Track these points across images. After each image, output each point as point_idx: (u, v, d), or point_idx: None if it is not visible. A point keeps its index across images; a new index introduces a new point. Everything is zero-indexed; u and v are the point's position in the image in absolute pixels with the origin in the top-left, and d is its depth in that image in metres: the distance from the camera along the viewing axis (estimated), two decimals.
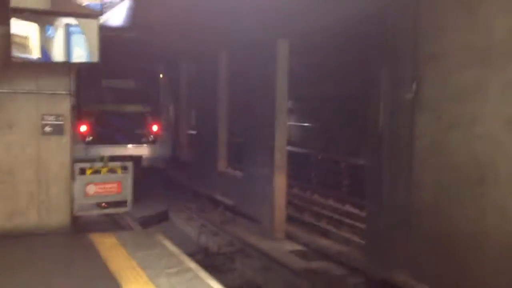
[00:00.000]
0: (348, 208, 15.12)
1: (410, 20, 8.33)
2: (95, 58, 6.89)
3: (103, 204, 8.99)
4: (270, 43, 12.74)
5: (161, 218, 15.12)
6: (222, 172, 16.15)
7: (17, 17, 6.56)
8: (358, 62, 11.34)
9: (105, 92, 16.09)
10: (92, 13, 6.70)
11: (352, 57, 13.93)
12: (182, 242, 12.62)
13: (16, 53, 6.68)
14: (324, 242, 12.69)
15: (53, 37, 6.92)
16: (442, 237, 7.65)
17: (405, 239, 8.37)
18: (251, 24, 12.83)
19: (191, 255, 11.17)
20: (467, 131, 7.24)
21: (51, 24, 6.86)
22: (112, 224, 11.03)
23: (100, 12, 6.77)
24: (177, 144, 19.91)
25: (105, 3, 7.22)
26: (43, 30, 6.88)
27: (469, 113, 7.23)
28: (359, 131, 13.62)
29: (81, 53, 6.85)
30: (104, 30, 7.52)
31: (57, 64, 6.96)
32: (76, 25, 6.75)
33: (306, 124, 21.62)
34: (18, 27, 6.74)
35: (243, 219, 14.19)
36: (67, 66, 7.22)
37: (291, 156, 21.13)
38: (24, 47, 6.77)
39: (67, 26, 6.86)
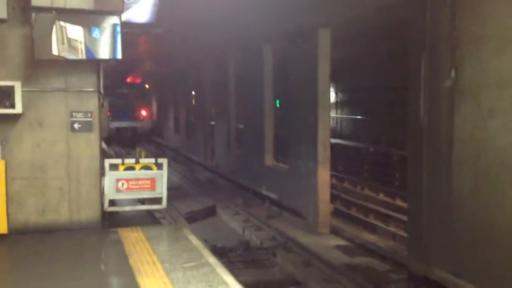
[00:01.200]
0: (398, 202, 14.68)
1: (448, 2, 7.91)
2: (119, 55, 6.95)
3: (144, 200, 9.09)
4: (311, 33, 12.49)
5: (209, 213, 15.22)
6: (268, 166, 16.05)
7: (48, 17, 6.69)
8: (402, 51, 10.91)
9: (117, 95, 31.12)
10: (113, 10, 6.75)
11: (396, 46, 13.47)
12: (227, 237, 12.76)
13: (69, 56, 6.87)
14: (370, 237, 12.38)
15: (99, 38, 7.02)
16: (483, 227, 7.25)
17: (445, 232, 8.00)
18: (292, 13, 12.68)
19: (232, 250, 11.34)
20: (507, 117, 6.81)
21: (97, 25, 6.98)
22: (152, 219, 11.21)
23: (122, 8, 6.81)
24: (157, 123, 36.47)
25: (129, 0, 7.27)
26: (88, 32, 7.01)
27: (508, 100, 6.79)
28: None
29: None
30: (129, 27, 7.58)
31: (84, 61, 7.07)
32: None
33: (357, 117, 21.19)
34: (70, 31, 6.91)
35: (289, 214, 14.06)
36: (94, 64, 7.33)
37: (342, 149, 20.92)
38: (75, 50, 6.94)
39: (114, 26, 6.95)
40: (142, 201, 9.09)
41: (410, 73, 9.10)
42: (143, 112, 33.95)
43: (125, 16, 7.07)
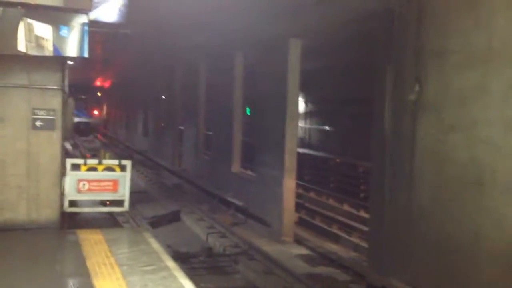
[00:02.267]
0: (361, 213, 14.85)
1: (414, 16, 8.08)
2: (86, 54, 6.87)
3: (107, 202, 8.96)
4: (282, 42, 12.59)
5: (173, 218, 15.09)
6: (236, 173, 16.05)
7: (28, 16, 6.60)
8: (367, 63, 11.09)
9: (78, 98, 40.63)
10: (82, 8, 6.68)
11: (364, 58, 13.66)
12: (190, 243, 12.66)
13: (34, 53, 6.74)
14: (332, 247, 12.47)
15: (67, 37, 6.92)
16: (439, 240, 7.40)
17: (404, 243, 8.13)
18: (263, 23, 12.77)
19: (195, 256, 11.26)
20: (467, 133, 6.98)
21: (65, 24, 6.88)
22: (114, 222, 11.05)
23: (90, 7, 6.75)
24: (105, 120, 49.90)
25: None
26: (56, 30, 6.90)
27: (469, 116, 6.97)
28: None
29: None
30: (97, 26, 7.51)
31: (49, 58, 6.96)
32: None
33: (324, 127, 21.39)
34: (37, 28, 6.79)
35: (255, 222, 14.05)
36: (59, 61, 7.22)
37: (309, 159, 21.08)
38: (42, 47, 6.81)
39: (83, 24, 6.86)
40: (104, 203, 8.98)
41: (376, 85, 9.26)
42: (95, 112, 49.80)
43: (93, 15, 6.98)
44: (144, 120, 30.83)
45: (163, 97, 25.71)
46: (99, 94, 49.36)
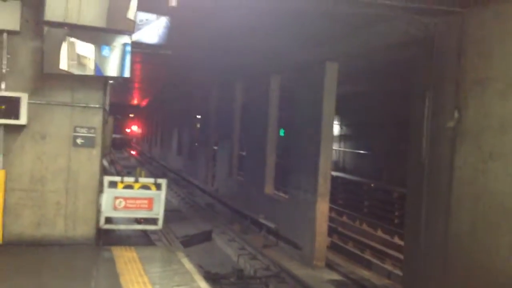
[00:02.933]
0: (395, 240, 14.60)
1: (455, 43, 8.00)
2: (127, 74, 7.03)
3: (141, 219, 9.06)
4: (319, 65, 12.62)
5: (204, 238, 15.14)
6: (268, 194, 16.02)
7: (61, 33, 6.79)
8: (407, 89, 11.02)
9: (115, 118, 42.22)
10: (124, 30, 6.85)
11: (402, 84, 13.57)
12: (221, 263, 12.66)
13: (77, 72, 6.94)
14: (365, 273, 12.27)
15: (108, 56, 7.11)
16: (478, 270, 7.19)
17: (440, 273, 7.94)
18: (301, 45, 12.84)
19: (226, 277, 11.24)
20: (507, 162, 6.83)
21: (107, 44, 7.07)
22: (147, 240, 11.14)
23: (133, 29, 6.91)
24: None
25: (141, 20, 7.38)
26: (98, 49, 7.10)
27: (509, 144, 6.82)
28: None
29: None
30: (139, 47, 7.68)
31: (91, 77, 7.14)
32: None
33: (360, 151, 21.22)
34: (80, 47, 7.00)
35: (286, 244, 13.97)
36: (101, 80, 7.40)
37: (343, 183, 20.91)
38: (84, 66, 7.02)
39: (124, 45, 7.04)
40: (139, 221, 9.07)
41: (413, 111, 9.16)
42: (127, 130, 58.14)
43: (136, 37, 7.15)
44: (179, 139, 31.19)
45: (198, 116, 26.01)
46: (131, 115, 57.16)
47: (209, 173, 23.23)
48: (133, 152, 50.09)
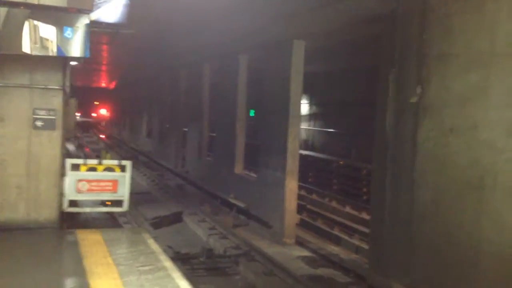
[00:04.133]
0: (363, 215, 14.81)
1: (418, 18, 8.05)
2: (88, 54, 6.88)
3: (107, 202, 8.97)
4: (286, 44, 12.58)
5: (175, 219, 15.10)
6: (238, 174, 16.05)
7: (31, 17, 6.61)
8: (372, 66, 11.08)
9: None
10: (83, 8, 6.68)
11: (369, 61, 13.65)
12: (191, 244, 12.66)
13: (38, 53, 6.74)
14: (334, 249, 12.44)
15: (71, 38, 6.93)
16: (440, 243, 7.37)
17: (405, 246, 8.10)
18: (267, 24, 12.77)
19: (195, 257, 11.26)
20: (468, 136, 6.96)
21: (70, 25, 6.88)
22: (115, 222, 11.05)
23: (91, 7, 6.75)
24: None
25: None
26: (61, 31, 6.91)
27: (470, 119, 6.94)
28: None
29: None
30: (99, 26, 7.52)
31: (50, 58, 6.97)
32: None
33: (329, 130, 21.37)
34: (42, 30, 6.80)
35: (257, 223, 14.05)
36: (60, 61, 7.23)
37: (313, 161, 21.05)
38: (46, 48, 6.83)
39: (85, 25, 6.86)
40: (106, 204, 8.97)
41: (379, 88, 9.24)
42: (95, 113, 59.68)
43: (95, 16, 6.98)
44: (148, 121, 30.89)
45: (168, 98, 25.78)
46: (99, 98, 57.36)
47: (179, 155, 23.13)
48: (102, 136, 49.39)
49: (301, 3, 10.93)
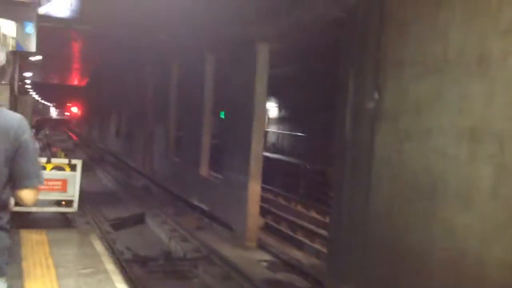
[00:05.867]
0: (327, 220, 14.79)
1: (376, 23, 8.05)
2: (33, 48, 6.69)
3: (63, 202, 8.73)
4: (250, 45, 12.51)
5: (137, 220, 14.89)
6: (203, 176, 15.90)
7: None
8: (333, 70, 11.08)
9: None
10: (31, 2, 6.50)
11: (331, 65, 13.66)
12: (151, 246, 12.48)
13: None
14: (296, 253, 12.38)
15: (31, 33, 6.73)
16: (392, 247, 7.36)
17: (359, 250, 8.07)
18: (232, 24, 12.68)
19: (154, 259, 11.09)
20: (421, 143, 6.96)
21: (31, 20, 6.68)
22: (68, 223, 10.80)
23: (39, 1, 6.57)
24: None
25: None
26: (21, 27, 6.70)
27: (424, 125, 6.95)
28: None
29: None
30: (48, 21, 7.32)
31: None
32: None
33: (295, 133, 21.38)
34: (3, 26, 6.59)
35: (219, 226, 13.92)
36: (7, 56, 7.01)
37: (281, 165, 21.01)
38: (8, 45, 6.60)
39: (32, 18, 6.65)
40: (59, 203, 8.74)
41: (339, 93, 9.21)
42: (66, 111, 61.49)
43: (44, 10, 6.80)
44: (117, 120, 30.51)
45: (135, 97, 25.50)
46: (69, 98, 57.09)
47: (146, 155, 22.86)
48: (72, 135, 48.66)
49: (262, 3, 10.86)
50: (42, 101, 79.65)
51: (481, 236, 6.04)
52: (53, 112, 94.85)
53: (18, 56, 7.24)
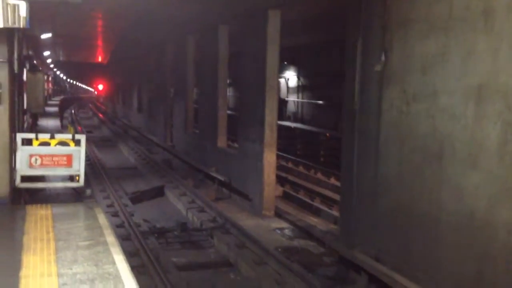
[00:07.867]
0: None
1: None
2: (27, 24, 6.62)
3: (77, 178, 8.81)
4: (261, 13, 12.27)
5: (156, 193, 15.01)
6: (221, 148, 15.89)
7: None
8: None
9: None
10: None
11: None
12: (169, 218, 12.59)
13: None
14: (313, 220, 12.34)
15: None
16: (401, 213, 7.22)
17: (369, 215, 7.97)
18: None
19: (170, 230, 11.18)
20: (429, 104, 6.73)
21: None
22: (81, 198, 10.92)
23: None
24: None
25: None
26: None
27: (431, 86, 6.71)
28: None
29: None
30: None
31: None
32: None
33: (315, 101, 21.11)
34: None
35: (238, 196, 13.95)
36: (4, 32, 6.98)
37: (302, 134, 20.86)
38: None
39: None
40: (71, 178, 8.82)
41: (347, 57, 8.96)
42: (92, 89, 62.08)
43: None
44: (139, 96, 30.68)
45: (156, 72, 25.52)
46: (94, 75, 57.03)
47: (167, 129, 22.99)
48: (97, 112, 49.23)
49: None
50: (69, 80, 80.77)
51: (488, 198, 5.85)
52: (80, 90, 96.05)
53: (16, 32, 7.19)
